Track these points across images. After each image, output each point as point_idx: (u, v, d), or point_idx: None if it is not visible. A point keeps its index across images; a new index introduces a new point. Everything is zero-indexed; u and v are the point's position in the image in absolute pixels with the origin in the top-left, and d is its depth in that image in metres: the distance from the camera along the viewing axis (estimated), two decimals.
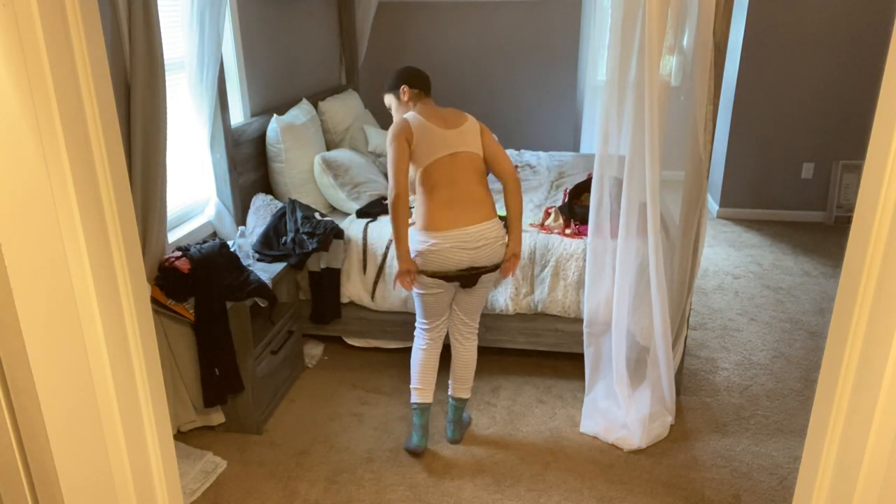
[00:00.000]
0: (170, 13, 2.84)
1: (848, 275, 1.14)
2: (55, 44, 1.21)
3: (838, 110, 4.95)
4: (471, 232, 2.40)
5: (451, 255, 2.40)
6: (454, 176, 2.43)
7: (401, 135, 2.41)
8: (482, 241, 2.42)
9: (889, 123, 1.02)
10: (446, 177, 2.42)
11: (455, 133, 2.45)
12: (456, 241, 2.39)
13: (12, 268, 1.19)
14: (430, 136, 2.42)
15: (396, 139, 2.40)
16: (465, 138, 2.46)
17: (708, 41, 2.42)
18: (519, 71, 5.31)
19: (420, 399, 2.60)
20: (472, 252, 2.41)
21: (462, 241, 2.39)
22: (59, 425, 1.31)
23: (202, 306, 2.51)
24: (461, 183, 2.43)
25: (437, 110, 2.52)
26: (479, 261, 2.44)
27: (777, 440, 2.70)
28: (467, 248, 2.40)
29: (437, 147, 2.42)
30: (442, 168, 2.42)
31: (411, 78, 2.58)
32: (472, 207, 2.42)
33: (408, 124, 2.44)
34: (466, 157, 2.45)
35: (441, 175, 2.42)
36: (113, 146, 1.38)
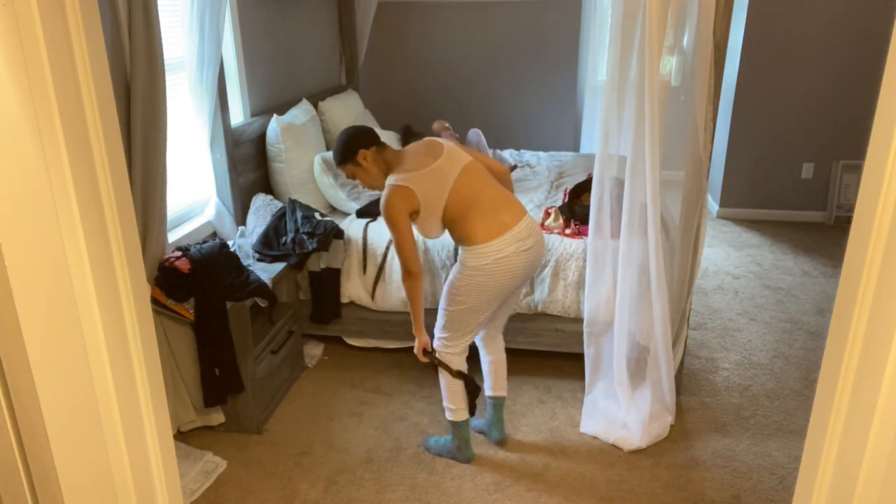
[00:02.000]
0: (170, 13, 2.84)
1: (848, 275, 1.14)
2: (55, 44, 1.21)
3: (838, 110, 4.95)
4: (521, 229, 2.32)
5: (513, 261, 2.31)
6: (480, 186, 2.34)
7: (404, 210, 2.25)
8: (532, 237, 2.35)
9: (889, 123, 1.02)
10: (475, 191, 2.32)
11: (444, 158, 2.33)
12: (512, 244, 2.30)
13: (12, 268, 1.19)
14: (431, 180, 2.28)
15: (401, 216, 2.24)
16: (456, 155, 2.36)
17: (708, 41, 2.42)
18: (519, 71, 5.30)
19: (462, 417, 2.53)
20: (527, 253, 2.33)
21: (518, 240, 2.30)
22: (59, 425, 1.31)
23: (202, 306, 2.51)
24: (489, 189, 2.35)
25: (409, 153, 2.37)
26: (534, 261, 2.38)
27: (777, 440, 2.70)
28: (524, 250, 2.32)
29: (444, 182, 2.30)
30: (462, 189, 2.31)
31: (362, 139, 2.38)
32: (509, 209, 2.34)
33: (410, 192, 2.25)
34: (473, 167, 2.37)
35: (466, 194, 2.31)
36: (113, 146, 1.38)
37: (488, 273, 2.30)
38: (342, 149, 2.40)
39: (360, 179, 2.43)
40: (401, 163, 2.34)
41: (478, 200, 2.31)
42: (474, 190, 2.32)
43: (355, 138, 2.39)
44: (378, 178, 2.40)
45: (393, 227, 2.27)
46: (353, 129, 2.42)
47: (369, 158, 2.37)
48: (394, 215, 2.26)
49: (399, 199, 2.25)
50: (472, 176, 2.34)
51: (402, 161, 2.35)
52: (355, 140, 2.38)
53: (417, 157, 2.35)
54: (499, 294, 2.36)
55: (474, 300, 2.34)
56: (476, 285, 2.32)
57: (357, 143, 2.38)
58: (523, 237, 2.32)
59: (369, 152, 2.37)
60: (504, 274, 2.31)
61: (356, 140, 2.38)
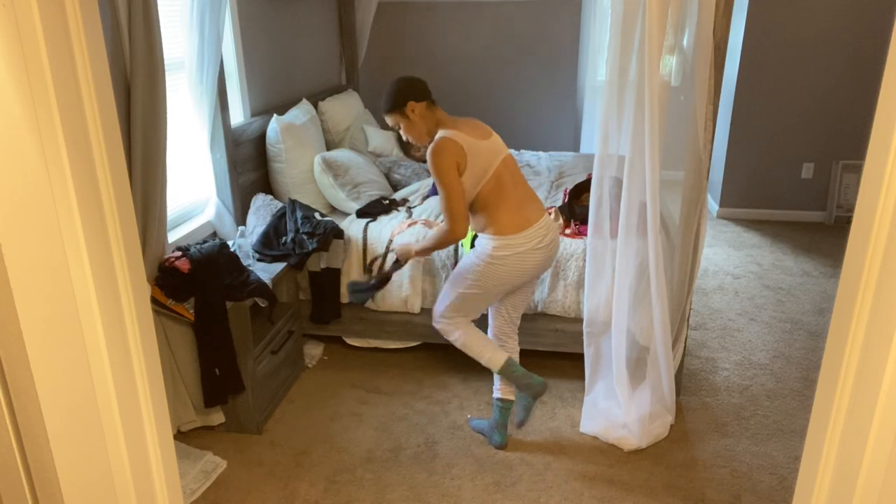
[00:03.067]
0: (170, 13, 2.84)
1: (848, 275, 1.14)
2: (55, 44, 1.21)
3: (838, 110, 4.95)
4: (542, 226, 2.42)
5: (531, 256, 2.40)
6: (513, 179, 2.42)
7: (453, 160, 2.24)
8: (550, 234, 2.46)
9: (889, 123, 1.02)
10: (507, 184, 2.38)
11: (493, 141, 2.41)
12: (533, 239, 2.39)
13: (12, 268, 1.19)
14: (479, 153, 2.32)
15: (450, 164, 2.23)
16: (500, 143, 2.45)
17: (708, 41, 2.42)
18: (519, 71, 5.30)
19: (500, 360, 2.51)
20: (543, 250, 2.43)
21: (539, 237, 2.40)
22: (59, 425, 1.31)
23: (202, 306, 2.51)
24: (520, 184, 2.45)
25: (463, 122, 2.41)
26: (550, 257, 2.47)
27: (777, 440, 2.70)
28: (542, 246, 2.42)
29: (490, 161, 2.34)
30: (502, 176, 2.37)
31: (413, 91, 2.36)
32: (533, 205, 2.46)
33: (459, 147, 2.26)
34: (510, 159, 2.45)
35: (501, 183, 2.36)
36: (113, 146, 1.38)
37: (509, 265, 2.37)
38: (391, 97, 2.36)
39: (405, 131, 2.41)
40: (454, 125, 2.35)
41: (512, 191, 2.39)
42: (511, 181, 2.40)
43: (407, 88, 2.34)
44: (422, 134, 2.40)
45: (442, 175, 2.23)
46: (406, 78, 2.38)
47: (417, 112, 2.35)
48: (441, 164, 2.22)
49: (450, 148, 2.24)
50: (510, 168, 2.42)
51: (455, 125, 2.35)
52: (407, 90, 2.34)
53: (469, 126, 2.36)
54: (512, 285, 2.46)
55: (488, 287, 2.42)
56: (493, 274, 2.38)
57: (408, 93, 2.34)
58: (543, 234, 2.42)
59: (419, 105, 2.35)
60: (521, 267, 2.39)
61: (407, 90, 2.34)
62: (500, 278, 2.40)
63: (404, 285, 3.09)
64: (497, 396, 2.65)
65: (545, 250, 2.43)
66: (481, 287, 2.43)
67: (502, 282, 2.42)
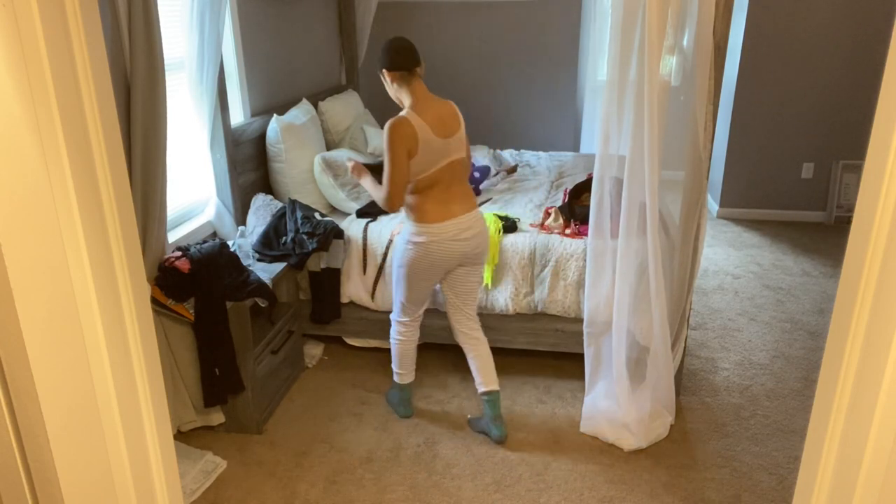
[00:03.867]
0: (170, 13, 2.84)
1: (848, 275, 1.14)
2: (55, 44, 1.21)
3: (838, 110, 4.95)
4: (463, 220, 2.51)
5: (447, 246, 2.51)
6: (451, 178, 2.52)
7: (404, 143, 2.35)
8: (472, 230, 2.54)
9: (889, 123, 1.02)
10: (443, 182, 2.49)
11: (451, 142, 2.48)
12: (450, 231, 2.49)
13: (12, 268, 1.19)
14: (431, 150, 2.41)
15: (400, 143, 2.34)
16: (459, 146, 2.52)
17: (708, 41, 2.42)
18: (519, 71, 5.30)
19: (402, 381, 2.83)
20: (462, 243, 2.53)
21: (457, 229, 2.50)
22: (59, 425, 1.31)
23: (202, 306, 2.51)
24: (455, 182, 2.54)
25: (435, 108, 2.46)
26: (471, 250, 2.56)
27: (777, 440, 2.70)
28: (459, 239, 2.52)
29: (437, 160, 2.45)
30: (440, 175, 2.48)
31: (389, 59, 2.44)
32: (462, 202, 2.54)
33: (414, 134, 2.36)
34: (459, 163, 2.54)
35: (437, 180, 2.48)
36: (113, 146, 1.38)
37: (426, 251, 2.51)
38: (380, 55, 2.50)
39: (387, 88, 2.55)
40: (424, 111, 2.42)
41: (444, 187, 2.49)
42: (448, 179, 2.50)
43: (387, 53, 2.45)
44: (395, 98, 2.54)
45: (390, 151, 2.35)
46: (394, 42, 2.47)
47: (388, 78, 2.49)
48: (393, 141, 2.34)
49: (406, 132, 2.35)
50: (455, 169, 2.52)
51: (425, 110, 2.43)
52: (385, 55, 2.46)
53: (436, 117, 2.44)
54: (435, 270, 2.57)
55: (412, 270, 2.56)
56: (412, 258, 2.54)
57: (385, 59, 2.46)
58: (463, 228, 2.51)
59: (390, 74, 2.46)
60: (438, 253, 2.51)
61: (386, 56, 2.46)
62: (419, 263, 2.53)
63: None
64: (481, 391, 2.69)
65: (464, 243, 2.53)
66: (407, 270, 2.57)
67: (423, 266, 2.54)
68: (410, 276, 2.58)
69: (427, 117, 2.41)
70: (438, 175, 2.47)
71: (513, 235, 3.09)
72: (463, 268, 2.63)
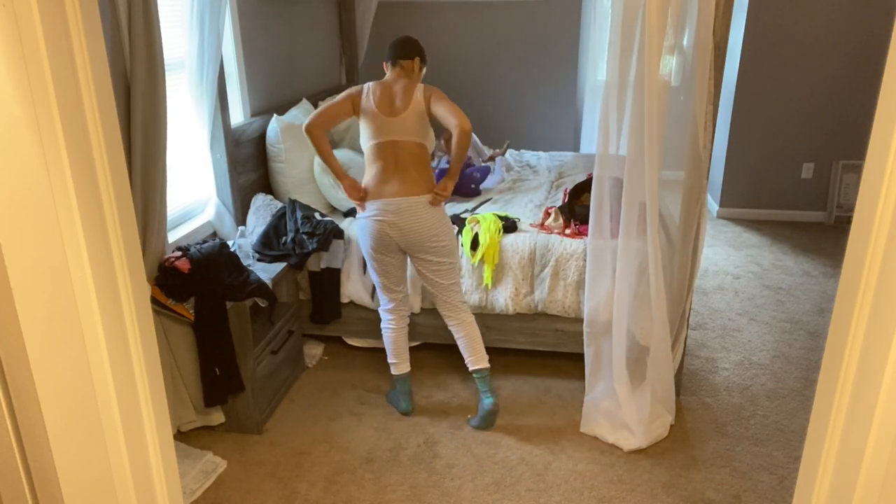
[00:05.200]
0: (170, 13, 2.84)
1: (848, 275, 1.14)
2: (55, 44, 1.21)
3: (838, 110, 4.95)
4: (390, 203, 2.62)
5: (372, 224, 2.65)
6: (396, 160, 2.63)
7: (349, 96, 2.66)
8: (398, 215, 2.62)
9: (889, 123, 1.02)
10: (389, 159, 2.63)
11: (396, 121, 2.61)
12: (375, 211, 2.63)
13: (12, 268, 1.19)
14: (371, 117, 2.63)
15: (346, 94, 2.67)
16: (405, 126, 2.62)
17: (708, 41, 2.42)
18: (519, 71, 5.30)
19: (397, 371, 2.87)
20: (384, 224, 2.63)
21: (380, 210, 2.63)
22: (59, 425, 1.31)
23: (202, 306, 2.51)
24: (401, 168, 2.63)
25: (390, 89, 2.66)
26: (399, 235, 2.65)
27: (777, 440, 2.70)
28: (380, 219, 2.63)
29: (378, 131, 2.63)
30: (385, 151, 2.63)
31: (388, 50, 2.77)
32: (398, 185, 2.63)
33: (358, 96, 2.65)
34: (407, 146, 2.64)
35: (384, 156, 2.63)
36: (113, 146, 1.38)
37: (361, 225, 2.70)
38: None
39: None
40: (380, 87, 2.66)
41: (386, 166, 2.63)
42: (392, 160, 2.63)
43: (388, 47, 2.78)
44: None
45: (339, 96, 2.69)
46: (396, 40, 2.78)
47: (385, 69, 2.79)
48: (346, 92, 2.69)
49: (356, 88, 2.69)
50: (401, 151, 2.63)
51: (382, 88, 2.67)
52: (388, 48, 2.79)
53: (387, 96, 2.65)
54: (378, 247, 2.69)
55: (362, 244, 2.75)
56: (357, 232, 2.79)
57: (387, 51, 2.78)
58: (387, 210, 2.62)
59: (384, 65, 2.78)
60: (368, 229, 2.67)
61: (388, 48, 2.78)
62: (363, 238, 2.72)
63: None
64: (471, 370, 2.79)
65: (386, 225, 2.63)
66: (361, 246, 2.78)
67: (367, 243, 2.71)
68: (366, 253, 2.76)
69: (379, 92, 2.65)
70: (382, 150, 2.62)
71: (513, 235, 3.09)
72: (415, 257, 2.72)
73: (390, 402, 2.94)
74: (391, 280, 2.79)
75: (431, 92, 2.64)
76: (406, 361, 2.88)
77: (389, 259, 2.73)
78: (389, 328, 2.85)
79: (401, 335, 2.86)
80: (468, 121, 2.54)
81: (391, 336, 2.85)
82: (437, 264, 2.72)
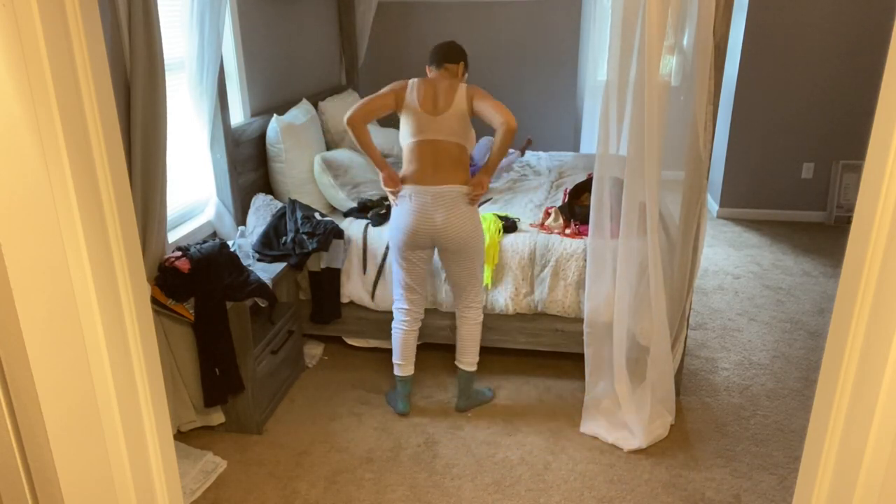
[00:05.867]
0: (170, 13, 2.84)
1: (848, 275, 1.14)
2: (55, 44, 1.21)
3: (838, 110, 4.95)
4: (427, 192, 2.62)
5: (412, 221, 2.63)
6: (434, 158, 2.63)
7: (393, 91, 2.67)
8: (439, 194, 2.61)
9: (889, 123, 1.02)
10: (427, 158, 2.63)
11: (438, 120, 2.63)
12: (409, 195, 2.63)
13: (12, 268, 1.19)
14: (415, 116, 2.64)
15: (390, 88, 2.68)
16: (446, 126, 2.63)
17: (708, 41, 2.42)
18: (519, 71, 5.30)
19: (402, 373, 2.86)
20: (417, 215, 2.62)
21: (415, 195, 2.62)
22: (59, 425, 1.31)
23: (202, 306, 2.51)
24: (438, 166, 2.63)
25: (434, 87, 2.67)
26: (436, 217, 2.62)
27: (777, 440, 2.70)
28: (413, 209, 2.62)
29: (419, 130, 2.64)
30: (424, 149, 2.64)
31: (432, 54, 2.81)
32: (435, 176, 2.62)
33: (402, 90, 2.67)
34: (446, 145, 2.64)
35: (421, 154, 2.64)
36: (113, 146, 1.38)
37: (395, 217, 2.69)
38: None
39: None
40: (423, 85, 2.67)
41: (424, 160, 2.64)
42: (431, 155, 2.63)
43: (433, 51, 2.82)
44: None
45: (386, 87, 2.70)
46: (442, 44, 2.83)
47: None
48: (390, 86, 2.70)
49: (399, 83, 2.69)
50: (439, 151, 2.64)
51: (425, 85, 2.68)
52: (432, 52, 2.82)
53: (430, 97, 2.66)
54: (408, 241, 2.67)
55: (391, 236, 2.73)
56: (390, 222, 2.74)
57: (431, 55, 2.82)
58: (421, 199, 2.62)
59: (427, 67, 2.83)
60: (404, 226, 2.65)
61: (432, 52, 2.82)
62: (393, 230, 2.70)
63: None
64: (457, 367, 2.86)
65: (421, 218, 2.62)
66: (390, 241, 2.76)
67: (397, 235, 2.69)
68: (395, 248, 2.73)
69: (423, 89, 2.66)
70: (420, 149, 2.63)
71: (513, 235, 3.09)
72: (444, 250, 2.70)
73: (389, 401, 2.94)
74: (415, 279, 2.78)
75: (474, 91, 2.66)
76: (411, 364, 2.87)
77: (418, 255, 2.72)
78: (402, 329, 2.83)
79: (411, 337, 2.84)
80: (514, 118, 2.59)
81: (402, 336, 2.83)
82: (457, 262, 2.72)
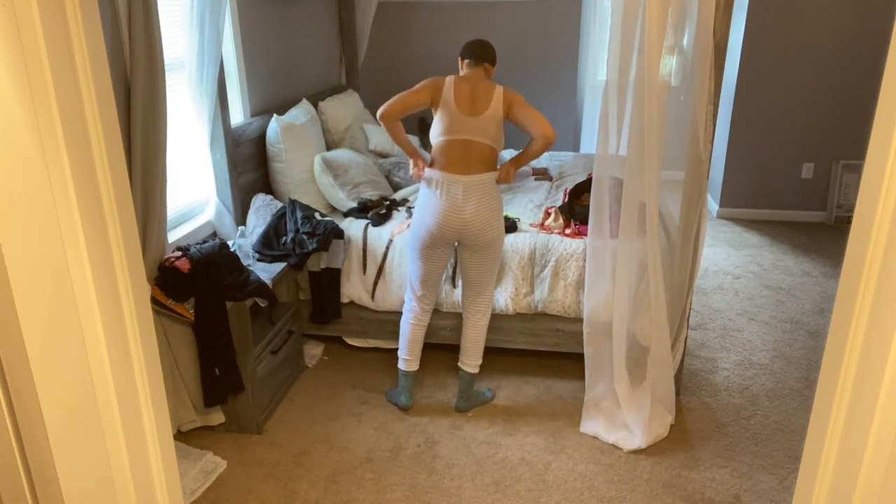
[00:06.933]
0: (170, 13, 2.84)
1: (848, 275, 1.14)
2: (55, 44, 1.21)
3: (838, 110, 4.95)
4: (457, 181, 2.59)
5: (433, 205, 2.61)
6: (464, 156, 2.61)
7: (430, 86, 2.64)
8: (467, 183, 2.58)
9: (889, 123, 1.02)
10: (457, 156, 2.61)
11: (474, 121, 2.60)
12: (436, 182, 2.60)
13: (12, 268, 1.19)
14: (451, 115, 2.62)
15: (426, 84, 2.65)
16: (481, 128, 2.61)
17: (708, 41, 2.42)
18: (519, 71, 5.30)
19: (407, 368, 2.87)
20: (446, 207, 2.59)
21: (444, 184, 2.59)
22: (59, 425, 1.31)
23: (202, 306, 2.51)
24: (468, 164, 2.61)
25: (472, 87, 2.64)
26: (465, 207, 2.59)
27: (777, 440, 2.70)
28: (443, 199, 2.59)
29: (452, 128, 2.61)
30: (455, 147, 2.61)
31: (463, 49, 2.79)
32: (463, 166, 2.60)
33: (440, 87, 2.63)
34: (479, 147, 2.62)
35: (451, 152, 2.61)
36: (113, 146, 1.38)
37: (422, 206, 2.66)
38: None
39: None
40: (461, 83, 2.64)
41: (453, 163, 2.61)
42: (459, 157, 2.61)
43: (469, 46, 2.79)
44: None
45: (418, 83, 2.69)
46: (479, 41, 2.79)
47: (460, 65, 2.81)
48: (425, 81, 2.67)
49: (436, 80, 2.66)
50: (470, 150, 2.62)
51: (462, 83, 2.65)
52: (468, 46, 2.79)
53: (468, 96, 2.63)
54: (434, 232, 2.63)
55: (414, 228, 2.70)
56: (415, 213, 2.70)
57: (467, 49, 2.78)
58: (450, 188, 2.59)
59: (461, 61, 2.79)
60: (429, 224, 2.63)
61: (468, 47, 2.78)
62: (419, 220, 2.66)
63: (405, 285, 3.09)
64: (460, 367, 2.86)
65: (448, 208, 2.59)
66: (411, 234, 2.72)
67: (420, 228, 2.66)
68: (417, 239, 2.69)
69: (460, 88, 2.63)
70: (451, 146, 2.60)
71: (513, 235, 3.09)
72: (465, 246, 2.68)
73: (390, 399, 2.95)
74: (432, 275, 2.78)
75: (513, 98, 2.66)
76: (417, 360, 2.87)
77: (440, 253, 2.71)
78: (412, 323, 2.84)
79: (420, 332, 2.85)
80: (553, 132, 2.61)
81: (411, 330, 2.84)
82: (476, 260, 2.72)
